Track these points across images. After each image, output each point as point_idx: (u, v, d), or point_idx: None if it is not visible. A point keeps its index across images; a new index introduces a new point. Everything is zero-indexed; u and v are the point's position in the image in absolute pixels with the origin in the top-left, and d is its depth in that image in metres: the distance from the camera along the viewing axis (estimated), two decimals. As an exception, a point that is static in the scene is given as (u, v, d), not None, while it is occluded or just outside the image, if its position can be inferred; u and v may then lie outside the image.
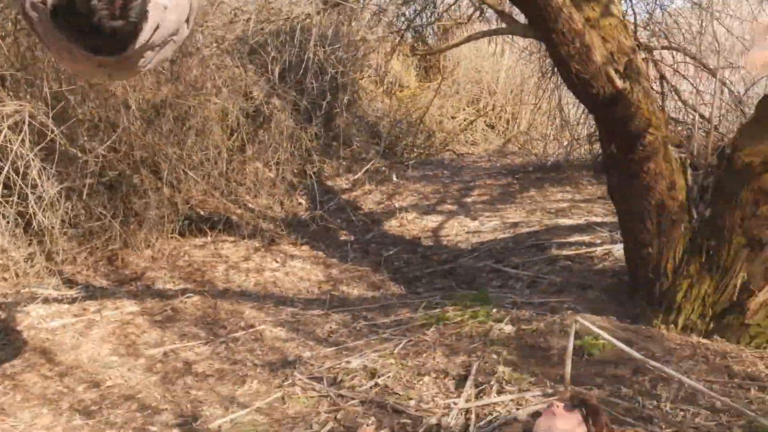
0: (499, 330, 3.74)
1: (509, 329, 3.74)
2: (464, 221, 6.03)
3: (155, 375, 3.75)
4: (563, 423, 2.44)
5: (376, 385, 3.35)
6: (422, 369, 3.44)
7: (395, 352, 3.66)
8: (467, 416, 2.98)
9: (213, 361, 3.89)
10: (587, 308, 3.79)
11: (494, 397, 3.06)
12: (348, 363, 3.63)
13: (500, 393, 3.09)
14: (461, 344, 3.66)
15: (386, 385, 3.33)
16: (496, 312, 4.02)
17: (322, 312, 4.57)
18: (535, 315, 3.88)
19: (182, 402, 3.43)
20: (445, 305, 4.31)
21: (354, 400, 3.23)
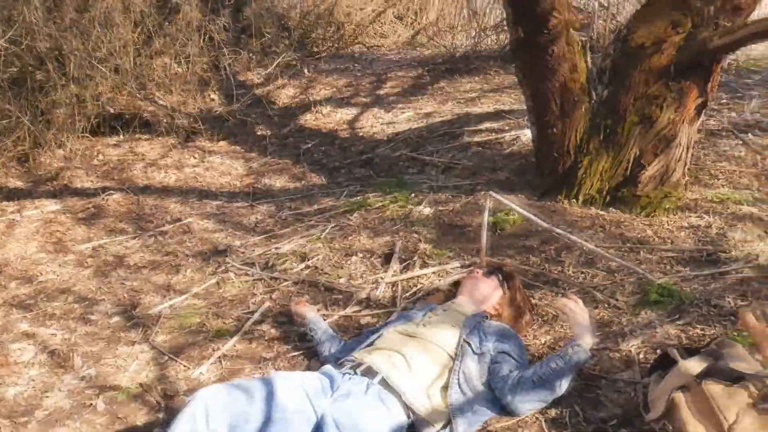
0: (419, 212, 3.99)
1: (428, 211, 4.00)
2: (378, 113, 6.17)
3: (87, 269, 3.82)
4: (483, 286, 2.75)
5: (307, 267, 3.56)
6: (349, 250, 3.66)
7: (322, 237, 3.86)
8: (394, 289, 3.25)
9: (144, 254, 3.99)
10: (499, 188, 4.06)
11: (418, 271, 3.33)
12: (278, 249, 3.81)
13: (423, 267, 3.37)
14: (384, 227, 3.89)
15: (316, 267, 3.55)
16: (415, 196, 4.26)
17: (247, 204, 4.69)
18: (451, 197, 4.14)
19: (119, 292, 3.54)
20: (366, 192, 4.52)
21: (287, 282, 3.44)
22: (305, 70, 7.56)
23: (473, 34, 8.09)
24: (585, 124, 3.74)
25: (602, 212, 3.63)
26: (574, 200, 3.73)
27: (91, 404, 2.64)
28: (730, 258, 3.04)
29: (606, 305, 2.83)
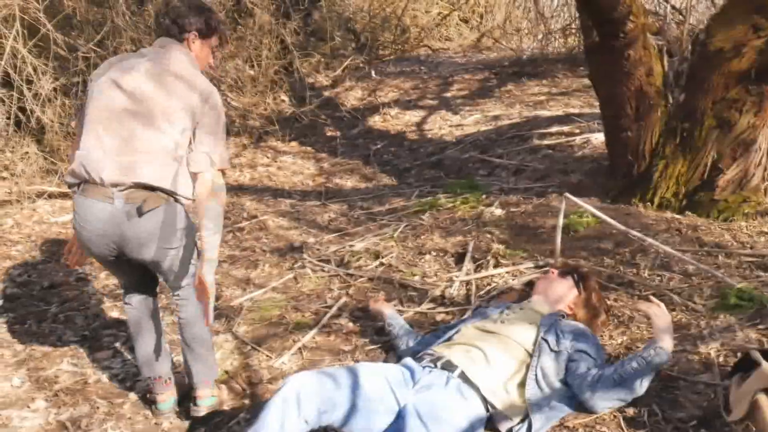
0: (490, 213, 4.04)
1: (499, 212, 4.04)
2: (446, 115, 6.24)
3: (171, 262, 3.98)
4: (558, 286, 2.78)
5: (381, 264, 3.65)
6: (422, 249, 3.74)
7: (395, 236, 3.94)
8: (468, 287, 3.31)
9: (223, 249, 4.14)
10: (570, 191, 4.05)
11: (491, 270, 3.39)
12: (351, 246, 3.91)
13: (496, 266, 3.42)
14: (456, 227, 3.95)
15: (390, 264, 3.64)
16: (486, 198, 4.32)
17: (320, 203, 4.82)
18: (522, 199, 4.18)
19: (201, 285, 3.69)
20: (437, 193, 4.60)
21: (362, 278, 3.53)
22: (372, 73, 7.69)
23: (540, 37, 8.08)
24: (660, 128, 3.73)
25: (678, 216, 3.62)
26: (649, 204, 3.72)
27: (182, 388, 2.78)
28: (812, 264, 3.00)
29: (683, 308, 2.82)
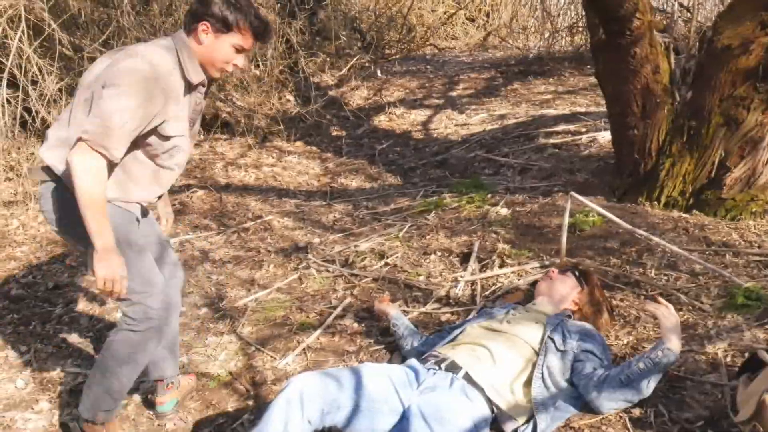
0: (496, 212, 4.02)
1: (505, 212, 4.02)
2: (452, 114, 6.21)
3: (176, 263, 3.98)
4: (560, 285, 2.76)
5: (386, 265, 3.63)
6: (427, 249, 3.72)
7: (400, 236, 3.93)
8: (473, 287, 3.29)
9: (228, 249, 4.14)
10: (576, 190, 4.03)
11: (497, 270, 3.36)
12: (356, 247, 3.90)
13: (502, 266, 3.40)
14: (461, 226, 3.93)
15: (395, 264, 3.62)
16: (491, 197, 4.29)
17: (325, 203, 4.81)
18: (528, 198, 4.16)
19: (206, 285, 3.69)
20: (442, 193, 4.57)
21: (367, 278, 3.52)
22: (378, 72, 7.67)
23: (546, 36, 8.05)
24: (667, 126, 3.70)
25: (685, 215, 3.58)
26: (656, 202, 3.69)
27: (186, 389, 2.77)
28: (822, 263, 2.97)
29: (690, 308, 2.80)
